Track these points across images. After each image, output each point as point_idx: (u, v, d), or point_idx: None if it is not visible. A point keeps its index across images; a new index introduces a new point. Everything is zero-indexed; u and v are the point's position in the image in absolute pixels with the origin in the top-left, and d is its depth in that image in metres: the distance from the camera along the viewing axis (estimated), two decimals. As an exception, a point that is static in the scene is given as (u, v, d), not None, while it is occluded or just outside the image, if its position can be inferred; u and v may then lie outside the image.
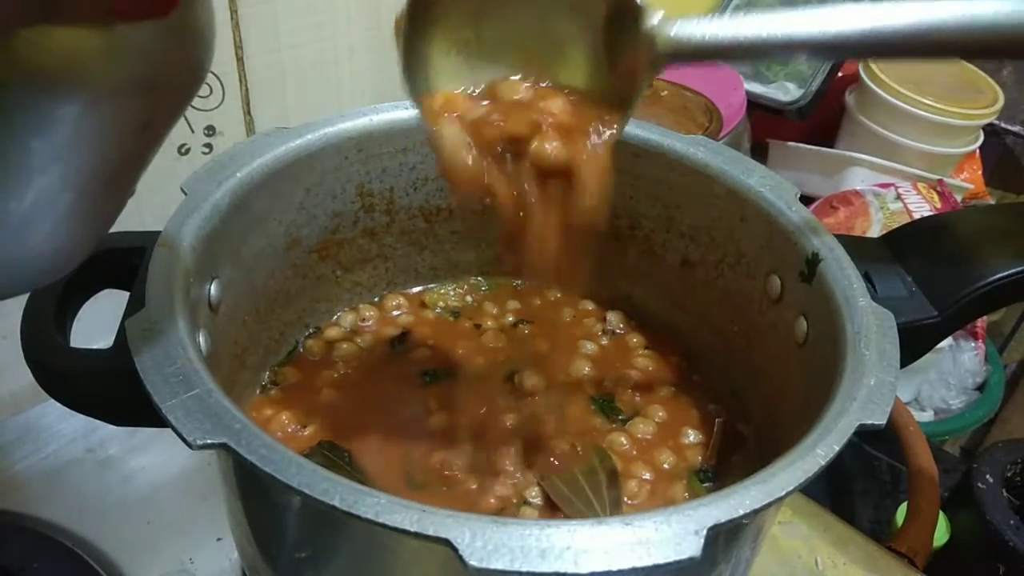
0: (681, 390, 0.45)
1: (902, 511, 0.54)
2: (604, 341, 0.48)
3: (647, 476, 0.40)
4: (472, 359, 0.46)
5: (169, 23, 0.20)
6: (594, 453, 0.40)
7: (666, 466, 0.41)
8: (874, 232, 0.77)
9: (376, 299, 0.49)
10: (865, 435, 0.29)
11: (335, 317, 0.48)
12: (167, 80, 0.21)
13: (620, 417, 0.43)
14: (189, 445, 0.26)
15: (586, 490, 0.39)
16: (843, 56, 0.33)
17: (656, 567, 0.24)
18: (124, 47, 0.20)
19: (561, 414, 0.43)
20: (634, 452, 0.42)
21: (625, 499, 0.39)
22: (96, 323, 0.36)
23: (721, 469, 0.41)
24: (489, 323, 0.48)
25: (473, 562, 0.23)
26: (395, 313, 0.49)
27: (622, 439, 0.42)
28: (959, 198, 0.85)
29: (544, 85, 0.32)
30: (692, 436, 0.43)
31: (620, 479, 0.39)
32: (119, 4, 0.18)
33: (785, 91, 0.88)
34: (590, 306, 0.50)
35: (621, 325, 0.49)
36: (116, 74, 0.19)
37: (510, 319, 0.49)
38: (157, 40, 0.20)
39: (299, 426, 0.41)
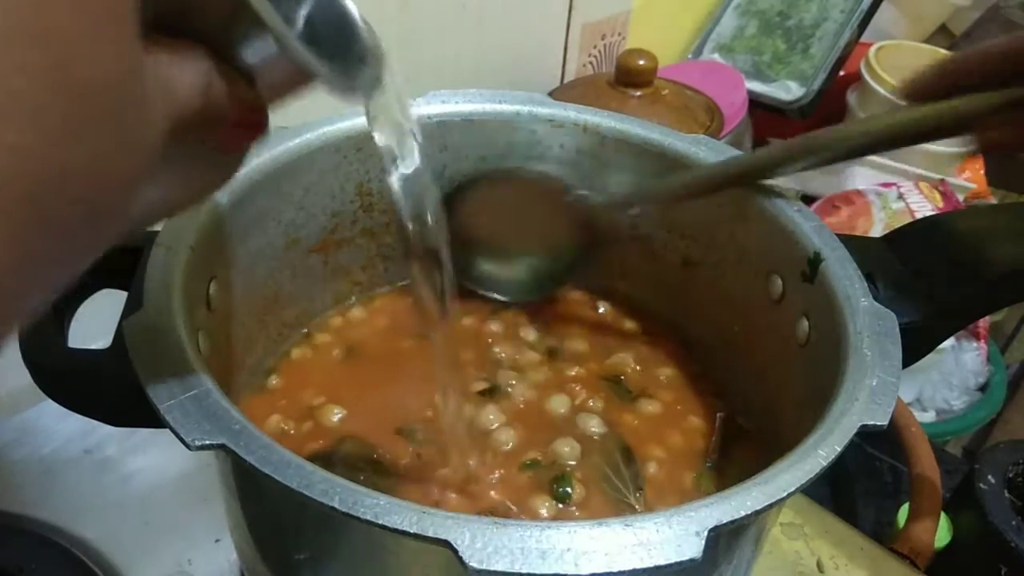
0: (681, 379, 0.45)
1: (904, 512, 0.53)
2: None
3: (663, 456, 0.41)
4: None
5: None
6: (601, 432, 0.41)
7: (678, 449, 0.41)
8: (876, 232, 0.77)
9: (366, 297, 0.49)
10: (867, 436, 0.29)
11: (324, 317, 0.47)
12: (199, 185, 0.25)
13: (629, 395, 0.44)
14: (187, 446, 0.26)
15: (605, 469, 0.39)
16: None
17: (657, 568, 0.24)
18: (192, 159, 0.23)
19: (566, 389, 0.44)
20: (645, 432, 0.42)
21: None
22: (94, 323, 0.36)
23: (722, 462, 0.41)
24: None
25: (473, 564, 0.23)
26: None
27: (633, 419, 0.42)
28: (961, 198, 0.85)
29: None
30: (696, 423, 0.43)
31: (635, 455, 0.40)
32: (223, 140, 0.23)
33: (787, 90, 0.88)
34: (577, 295, 0.50)
35: (612, 315, 0.49)
36: (169, 175, 0.22)
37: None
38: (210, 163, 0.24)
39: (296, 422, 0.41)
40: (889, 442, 0.61)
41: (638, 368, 0.45)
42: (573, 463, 0.39)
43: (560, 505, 0.38)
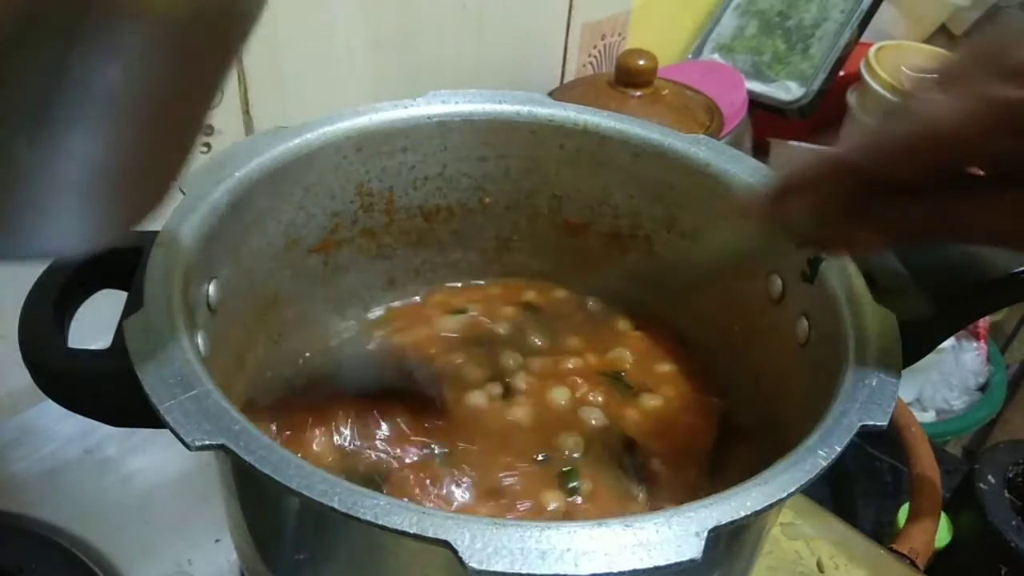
0: (681, 377, 0.45)
1: (904, 512, 0.53)
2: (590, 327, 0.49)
3: (664, 452, 0.41)
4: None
5: None
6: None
7: (679, 446, 0.41)
8: (875, 232, 0.77)
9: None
10: (867, 436, 0.29)
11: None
12: (226, 20, 0.22)
13: (630, 390, 0.44)
14: (187, 446, 0.26)
15: (608, 462, 0.39)
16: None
17: (656, 569, 0.24)
18: None
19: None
20: (646, 428, 0.42)
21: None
22: (94, 323, 0.36)
23: (722, 461, 0.41)
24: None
25: (473, 564, 0.23)
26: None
27: (635, 415, 0.42)
28: (961, 198, 0.85)
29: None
30: (695, 422, 0.43)
31: (638, 448, 0.40)
32: None
33: (787, 90, 0.88)
34: (562, 293, 0.50)
35: (601, 311, 0.49)
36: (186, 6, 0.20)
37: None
38: None
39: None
40: (889, 442, 0.61)
41: (636, 363, 0.46)
42: (577, 456, 0.40)
43: (569, 499, 0.38)
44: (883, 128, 0.28)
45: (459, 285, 0.50)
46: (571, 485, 0.38)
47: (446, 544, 0.23)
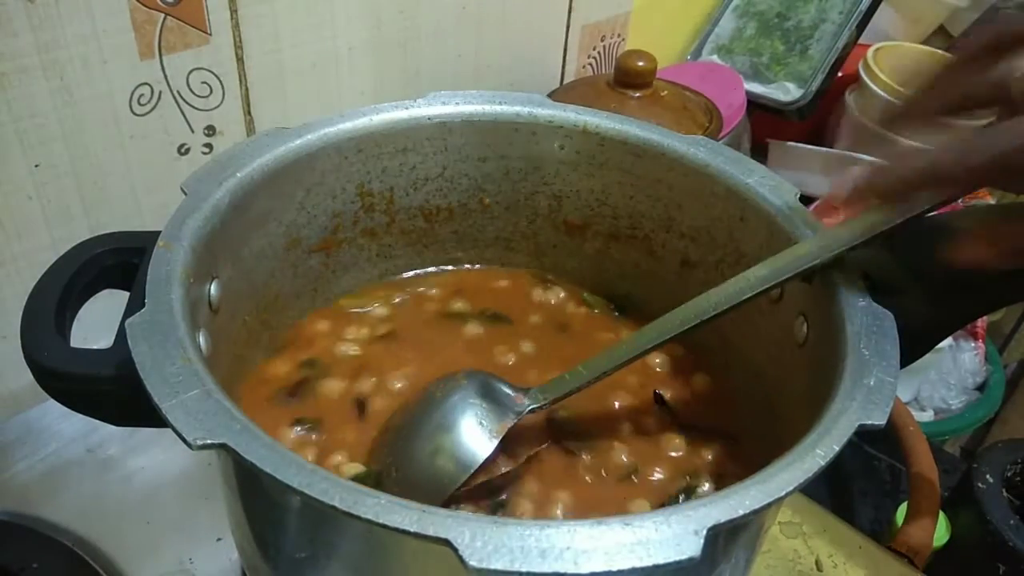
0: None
1: (902, 511, 0.54)
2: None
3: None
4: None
5: None
6: None
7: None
8: (874, 232, 0.77)
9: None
10: (865, 435, 0.29)
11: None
12: None
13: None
14: (189, 445, 0.26)
15: None
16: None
17: (656, 567, 0.24)
18: None
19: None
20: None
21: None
22: (96, 323, 0.36)
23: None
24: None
25: (473, 562, 0.23)
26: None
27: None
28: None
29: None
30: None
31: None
32: None
33: (785, 91, 0.88)
34: (562, 293, 0.50)
35: (600, 310, 0.50)
36: None
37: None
38: None
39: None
40: (887, 441, 0.61)
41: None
42: None
43: None
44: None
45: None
46: None
47: (446, 543, 0.23)
